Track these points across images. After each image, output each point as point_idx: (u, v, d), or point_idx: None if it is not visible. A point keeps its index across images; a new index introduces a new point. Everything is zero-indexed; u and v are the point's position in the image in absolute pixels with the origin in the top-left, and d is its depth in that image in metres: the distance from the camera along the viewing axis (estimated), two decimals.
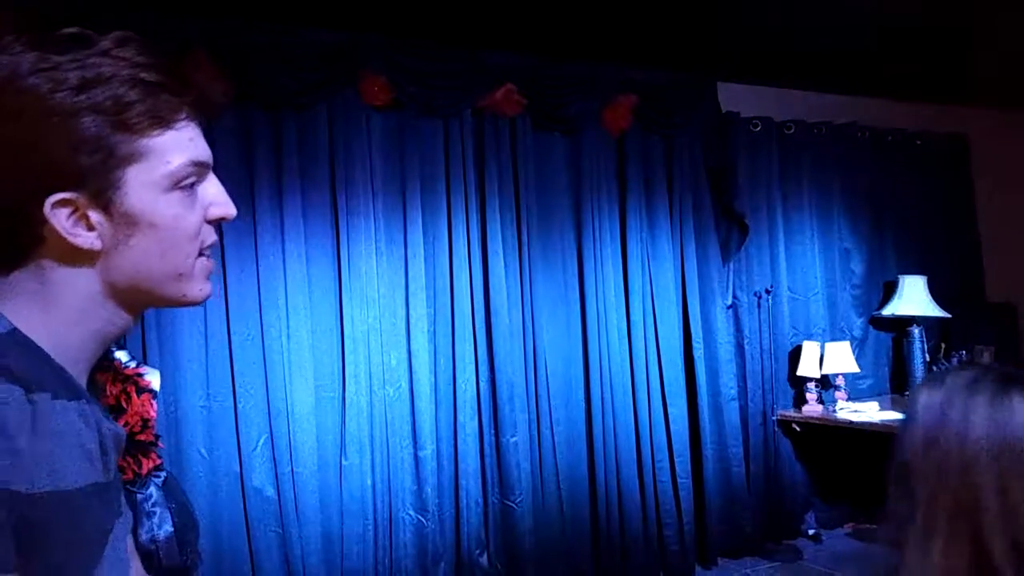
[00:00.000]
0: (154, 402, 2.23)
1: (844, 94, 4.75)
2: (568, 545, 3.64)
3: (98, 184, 0.68)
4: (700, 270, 4.12)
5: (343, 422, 3.26)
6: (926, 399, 0.95)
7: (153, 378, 2.30)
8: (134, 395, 2.14)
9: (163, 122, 0.71)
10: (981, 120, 5.22)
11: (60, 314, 0.70)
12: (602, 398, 3.78)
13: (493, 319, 3.57)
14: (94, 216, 0.69)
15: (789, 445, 4.33)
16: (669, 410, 3.94)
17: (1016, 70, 4.53)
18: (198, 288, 0.78)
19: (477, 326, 3.55)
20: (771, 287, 4.33)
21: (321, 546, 3.15)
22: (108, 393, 2.11)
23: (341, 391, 3.28)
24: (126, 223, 0.70)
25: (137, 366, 2.26)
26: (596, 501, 3.75)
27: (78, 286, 0.71)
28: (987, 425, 0.88)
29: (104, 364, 2.12)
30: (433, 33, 3.45)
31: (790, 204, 4.51)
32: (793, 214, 4.52)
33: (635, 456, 3.84)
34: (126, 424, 2.10)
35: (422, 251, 3.48)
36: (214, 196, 0.77)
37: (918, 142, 4.97)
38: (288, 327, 3.18)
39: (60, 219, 0.68)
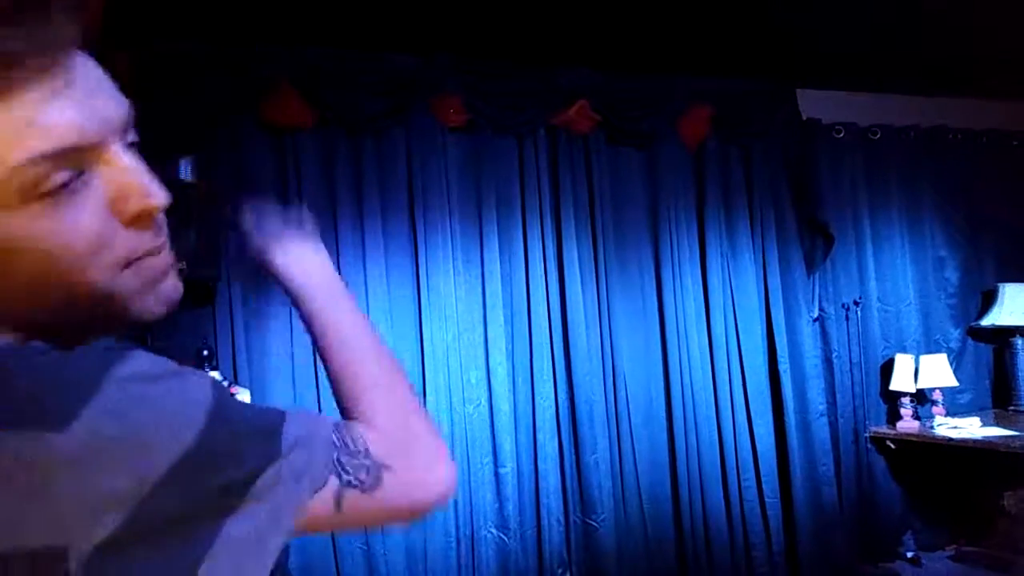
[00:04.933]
0: None
1: (932, 95, 4.55)
2: (652, 566, 3.57)
3: None
4: (784, 282, 4.00)
5: None
6: None
7: (243, 397, 2.38)
8: None
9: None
10: None
11: None
12: (684, 416, 3.71)
13: (571, 337, 3.55)
14: None
15: (884, 463, 4.14)
16: (755, 428, 3.82)
17: None
18: (158, 298, 0.59)
19: (555, 344, 3.54)
20: (860, 298, 4.17)
21: (405, 563, 3.18)
22: None
23: (425, 408, 3.31)
24: None
25: (229, 386, 2.34)
26: (680, 521, 3.66)
27: None
28: None
29: None
30: (505, 52, 3.49)
31: (878, 212, 4.34)
32: (881, 222, 4.34)
33: (720, 475, 3.74)
34: None
35: (499, 269, 3.50)
36: (128, 184, 0.54)
37: (1015, 142, 4.72)
38: None
39: None
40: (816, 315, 4.09)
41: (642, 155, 3.85)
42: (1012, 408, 4.31)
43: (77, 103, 0.50)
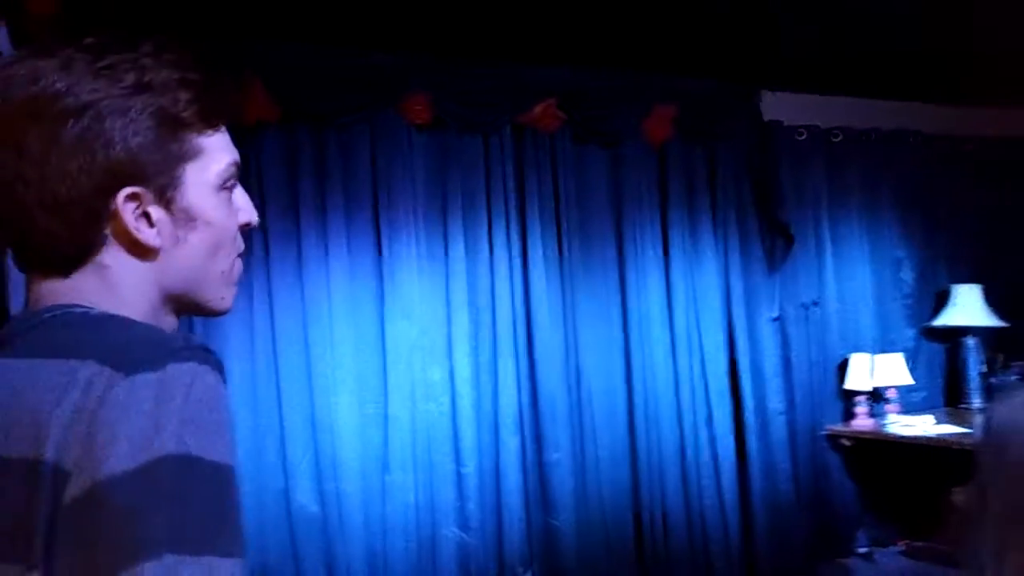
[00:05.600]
0: None
1: (892, 99, 4.63)
2: (612, 563, 3.60)
3: (160, 181, 0.70)
4: (745, 282, 4.05)
5: (386, 438, 3.28)
6: (999, 413, 0.92)
7: None
8: None
9: (212, 122, 0.74)
10: None
11: (124, 312, 0.70)
12: (646, 415, 3.75)
13: (534, 335, 3.56)
14: (155, 213, 0.70)
15: (839, 461, 4.23)
16: (715, 425, 3.88)
17: None
18: (231, 294, 0.80)
19: (519, 342, 3.54)
20: (819, 298, 4.24)
21: (365, 563, 3.17)
22: None
23: (384, 407, 3.30)
24: (185, 220, 0.72)
25: None
26: (640, 519, 3.70)
27: (138, 286, 0.72)
28: None
29: None
30: (472, 50, 3.47)
31: (838, 213, 4.42)
32: (841, 223, 4.42)
33: (680, 473, 3.79)
34: None
35: (464, 267, 3.49)
36: (244, 201, 0.80)
37: (970, 147, 4.82)
38: (332, 343, 3.22)
39: (128, 214, 0.69)
40: (776, 315, 4.15)
41: (607, 154, 3.86)
42: (963, 406, 4.43)
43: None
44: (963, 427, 3.82)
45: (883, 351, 4.31)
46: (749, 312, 4.04)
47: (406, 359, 3.33)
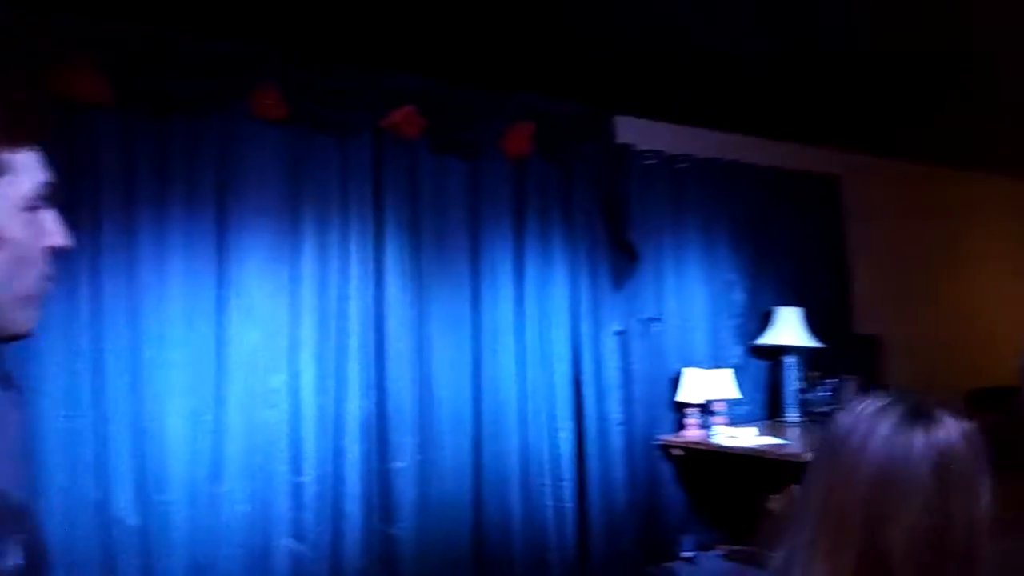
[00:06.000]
0: None
1: (733, 132, 4.98)
2: (450, 572, 3.62)
3: None
4: (593, 298, 4.21)
5: (220, 446, 3.14)
6: (840, 420, 0.98)
7: None
8: None
9: (22, 139, 0.72)
10: (853, 164, 5.59)
11: None
12: (493, 423, 3.80)
13: (385, 342, 3.53)
14: None
15: (671, 469, 4.47)
16: (559, 435, 3.99)
17: (885, 120, 4.90)
18: (33, 317, 0.76)
19: (368, 349, 3.49)
20: (659, 315, 4.47)
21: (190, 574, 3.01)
22: None
23: (220, 414, 3.15)
24: None
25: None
26: (481, 527, 3.75)
27: None
28: (883, 451, 0.92)
29: None
30: (333, 50, 3.39)
31: (679, 236, 4.68)
32: (682, 245, 4.69)
33: (522, 481, 3.86)
34: None
35: (313, 270, 3.40)
36: (53, 224, 0.77)
37: (796, 181, 5.26)
38: (164, 345, 3.04)
39: None
40: (619, 330, 4.34)
41: (467, 165, 3.89)
42: (781, 419, 4.81)
43: None
44: (780, 438, 4.14)
45: (715, 366, 4.61)
46: (595, 326, 4.20)
47: (247, 364, 3.20)
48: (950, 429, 0.92)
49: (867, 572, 0.90)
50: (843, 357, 5.09)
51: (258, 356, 3.24)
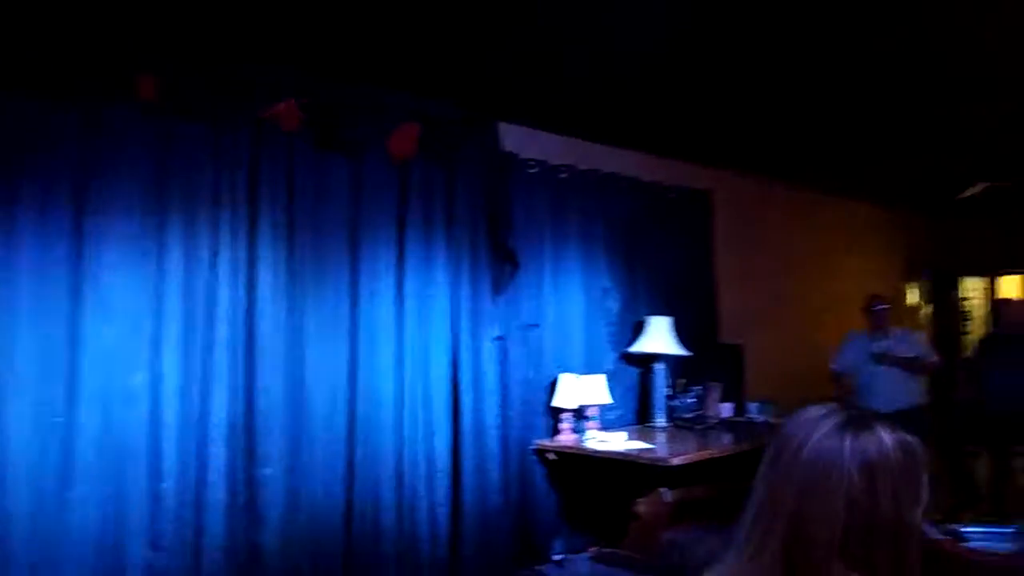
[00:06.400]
0: None
1: (614, 146, 5.14)
2: None
3: None
4: (473, 303, 4.22)
5: (71, 449, 2.91)
6: (790, 423, 1.06)
7: None
8: None
9: None
10: (722, 180, 5.91)
11: None
12: (367, 427, 3.73)
13: (256, 343, 3.40)
14: None
15: (544, 473, 4.54)
16: (435, 438, 3.97)
17: (752, 138, 5.20)
18: None
19: (237, 350, 3.35)
20: (537, 322, 4.54)
21: None
22: None
23: (71, 414, 2.93)
24: None
25: None
26: (352, 532, 3.66)
27: None
28: (815, 452, 1.00)
29: None
30: (211, 40, 3.24)
31: (559, 244, 4.78)
32: (561, 254, 4.79)
33: (396, 485, 3.81)
34: None
35: (180, 267, 3.23)
36: None
37: (671, 195, 5.50)
38: (12, 344, 2.80)
39: None
40: (498, 335, 4.37)
41: (349, 164, 3.81)
42: (649, 424, 4.99)
43: None
44: (648, 443, 4.29)
45: (589, 372, 4.73)
46: (474, 331, 4.21)
47: (103, 362, 3.00)
48: (883, 437, 1.01)
49: (794, 563, 0.97)
50: (709, 365, 5.35)
51: (116, 353, 3.04)
